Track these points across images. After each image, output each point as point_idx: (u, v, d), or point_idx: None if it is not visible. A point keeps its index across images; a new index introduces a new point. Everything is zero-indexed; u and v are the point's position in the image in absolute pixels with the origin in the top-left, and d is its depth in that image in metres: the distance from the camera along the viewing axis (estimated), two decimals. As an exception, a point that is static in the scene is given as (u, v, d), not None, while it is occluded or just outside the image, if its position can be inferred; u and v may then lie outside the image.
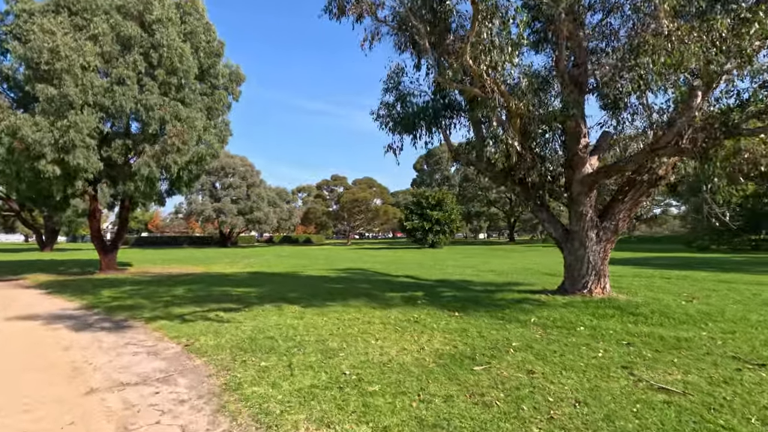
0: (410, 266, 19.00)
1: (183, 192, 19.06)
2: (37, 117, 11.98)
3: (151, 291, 11.03)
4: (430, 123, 9.53)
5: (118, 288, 11.91)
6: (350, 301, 8.94)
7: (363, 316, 7.26)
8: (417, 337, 5.78)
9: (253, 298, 9.49)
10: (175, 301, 9.36)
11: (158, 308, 8.40)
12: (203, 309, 8.23)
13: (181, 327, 6.63)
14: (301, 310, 7.89)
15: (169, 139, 14.76)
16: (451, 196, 41.89)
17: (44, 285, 13.28)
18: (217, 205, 52.06)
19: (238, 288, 11.37)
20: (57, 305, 9.32)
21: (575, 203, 8.22)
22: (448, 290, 10.42)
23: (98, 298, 10.09)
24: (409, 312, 7.53)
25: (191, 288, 11.54)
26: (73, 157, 12.64)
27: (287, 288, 11.22)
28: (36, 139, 11.80)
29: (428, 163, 70.16)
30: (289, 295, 9.93)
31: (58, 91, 12.08)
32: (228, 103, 18.52)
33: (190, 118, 15.33)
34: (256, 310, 7.97)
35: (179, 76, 15.54)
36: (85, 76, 12.58)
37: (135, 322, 7.28)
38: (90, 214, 17.07)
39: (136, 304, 8.96)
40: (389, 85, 10.42)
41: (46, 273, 17.36)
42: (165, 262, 24.20)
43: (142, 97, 14.35)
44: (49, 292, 11.59)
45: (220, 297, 9.76)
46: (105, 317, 7.85)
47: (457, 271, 15.89)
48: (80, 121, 12.45)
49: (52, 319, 7.78)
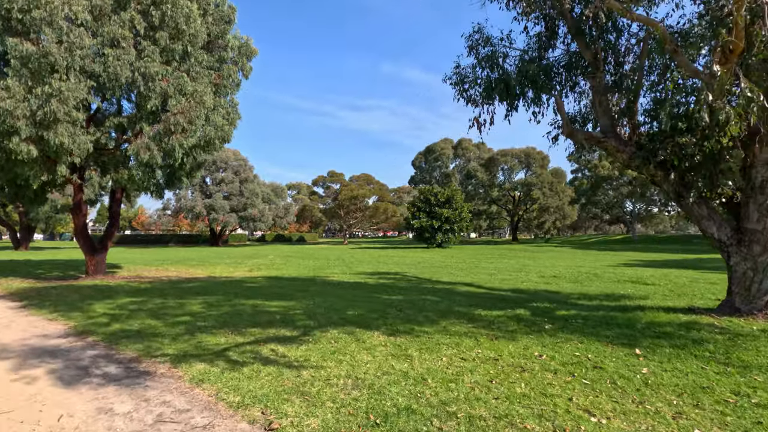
0: (449, 270, 16.74)
1: (183, 183, 16.38)
2: (9, 80, 9.30)
3: (159, 306, 8.52)
4: (540, 87, 7.26)
5: (114, 300, 9.35)
6: (441, 322, 6.64)
7: (493, 353, 4.96)
8: (652, 409, 3.51)
9: (302, 318, 7.09)
10: (199, 322, 6.91)
11: (181, 337, 5.95)
12: (247, 339, 5.82)
13: (233, 378, 4.23)
14: (392, 342, 5.55)
15: (173, 117, 12.19)
16: (460, 193, 39.76)
17: (18, 294, 10.61)
18: (209, 201, 48.96)
19: (270, 301, 8.93)
20: (34, 329, 6.77)
21: (760, 192, 6.05)
22: (550, 305, 8.18)
23: (91, 316, 7.56)
24: (556, 346, 5.25)
25: (209, 301, 9.06)
26: (55, 134, 10.00)
27: (335, 301, 8.84)
28: (6, 108, 9.13)
29: (427, 159, 68.11)
30: (348, 312, 7.56)
31: (36, 47, 9.43)
32: (237, 81, 15.90)
33: (198, 92, 12.77)
34: (325, 342, 5.60)
35: (184, 42, 12.96)
36: (71, 32, 9.94)
37: (155, 364, 4.84)
38: (74, 207, 14.33)
39: (146, 329, 6.48)
40: (474, 41, 8.11)
41: (20, 277, 14.57)
42: (158, 263, 21.46)
43: (141, 64, 11.74)
44: (24, 306, 8.99)
45: (257, 317, 7.33)
46: (106, 353, 5.38)
47: (514, 278, 13.71)
48: (65, 88, 9.81)
49: (26, 356, 5.27)
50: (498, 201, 60.69)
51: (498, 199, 60.36)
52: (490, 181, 58.54)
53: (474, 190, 58.94)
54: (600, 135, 7.04)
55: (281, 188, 56.79)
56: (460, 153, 64.51)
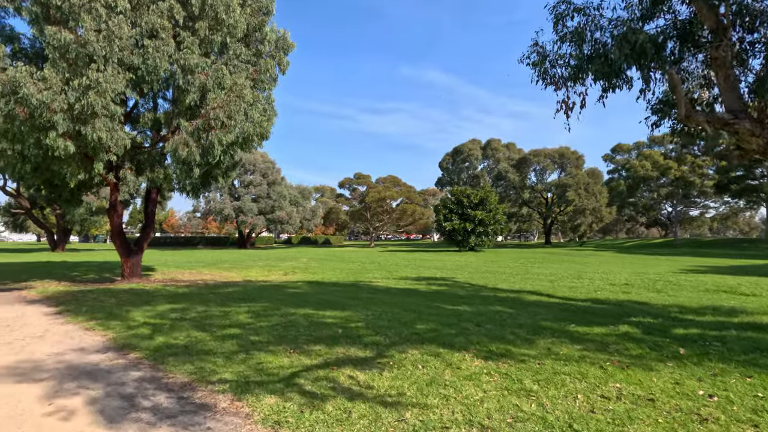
0: (499, 276, 15.53)
1: (219, 182, 15.79)
2: (46, 71, 8.73)
3: (203, 315, 7.71)
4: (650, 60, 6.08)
5: (153, 306, 8.62)
6: (538, 341, 5.53)
7: (641, 390, 3.83)
8: None
9: (368, 333, 6.11)
10: (251, 336, 6.02)
11: (236, 356, 5.05)
12: (314, 360, 4.87)
13: (319, 421, 3.26)
14: (495, 369, 4.48)
15: (212, 111, 11.49)
16: (494, 194, 38.25)
17: (54, 298, 10.06)
18: (237, 203, 48.99)
19: (323, 311, 8.00)
20: (70, 340, 6.03)
21: None
22: (654, 321, 6.94)
23: (130, 326, 6.79)
24: (717, 381, 4.08)
25: (255, 309, 8.20)
26: (93, 129, 9.39)
27: (395, 312, 7.83)
28: (43, 100, 8.55)
29: (455, 160, 66.61)
30: (418, 326, 6.54)
31: (74, 36, 8.84)
32: (274, 75, 15.14)
33: (237, 85, 12.04)
34: (410, 366, 4.59)
35: (223, 33, 12.29)
36: (110, 20, 9.33)
37: (213, 394, 3.93)
38: (110, 207, 13.86)
39: (194, 343, 5.63)
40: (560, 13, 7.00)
41: (56, 280, 14.20)
42: (191, 266, 21.01)
43: (180, 56, 11.10)
44: (60, 312, 8.36)
45: (315, 330, 6.40)
46: (152, 375, 4.52)
47: (580, 285, 12.41)
48: (103, 80, 9.20)
49: (62, 378, 4.47)
50: (530, 203, 58.66)
51: (530, 201, 58.34)
52: (521, 183, 56.62)
53: (504, 191, 57.12)
54: (728, 116, 5.80)
55: (308, 190, 56.45)
56: (489, 153, 62.76)
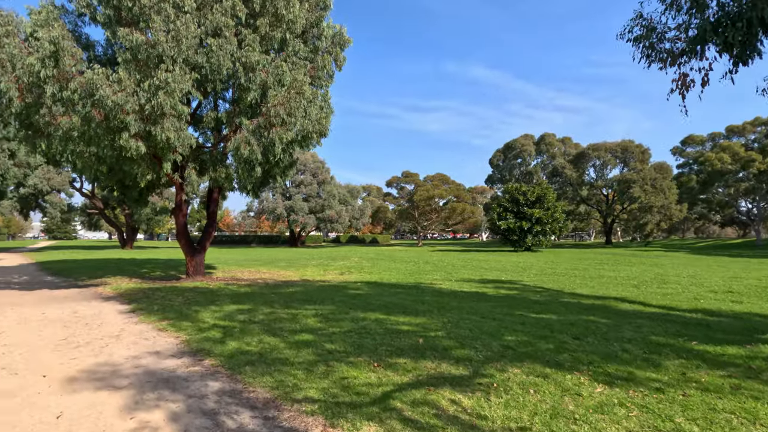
0: (572, 279, 14.34)
1: (278, 181, 15.76)
2: (120, 73, 8.86)
3: (270, 317, 7.44)
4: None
5: (220, 307, 8.51)
6: (661, 362, 4.64)
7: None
8: None
9: (453, 345, 5.49)
10: (324, 343, 5.59)
11: (316, 367, 4.61)
12: (403, 377, 4.32)
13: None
14: (627, 399, 3.70)
15: (272, 109, 11.32)
16: (552, 191, 36.21)
17: (126, 296, 10.31)
18: (289, 203, 50.07)
19: (394, 316, 7.47)
20: (145, 341, 5.90)
21: None
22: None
23: (201, 329, 6.61)
24: None
25: (322, 313, 7.83)
26: (162, 129, 9.46)
27: (475, 319, 7.14)
28: (117, 102, 8.67)
29: (506, 156, 64.22)
30: (507, 338, 5.82)
31: (145, 37, 8.92)
32: (331, 72, 14.86)
33: (297, 81, 11.80)
34: (518, 389, 3.92)
35: (283, 29, 12.13)
36: (178, 20, 9.35)
37: (302, 416, 3.48)
38: (175, 207, 14.20)
39: (267, 351, 5.28)
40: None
41: (128, 276, 14.79)
42: (249, 264, 21.39)
43: (241, 54, 11.03)
44: (133, 310, 8.45)
45: (393, 339, 5.86)
46: (232, 387, 4.17)
47: (674, 291, 11.06)
48: (172, 80, 9.22)
49: (141, 386, 4.22)
50: (588, 200, 55.30)
51: (588, 199, 54.99)
52: (578, 179, 53.46)
53: (560, 188, 54.22)
54: None
55: (357, 189, 56.65)
56: (543, 149, 59.86)
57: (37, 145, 9.95)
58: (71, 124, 9.11)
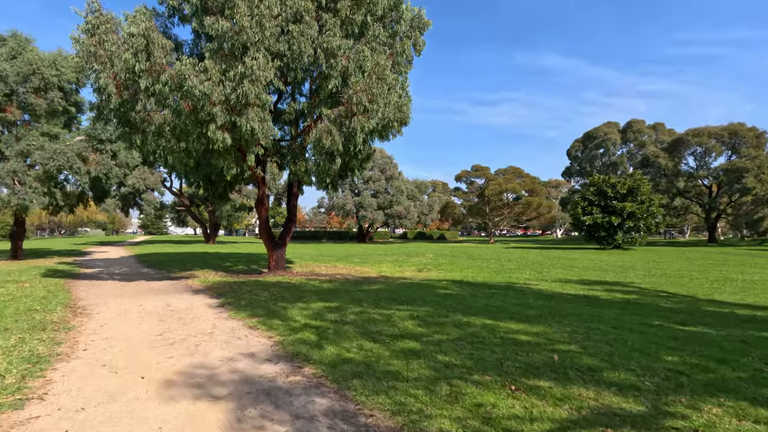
0: (691, 281, 12.22)
1: (356, 174, 15.27)
2: (207, 62, 8.74)
3: (361, 317, 6.77)
4: None
5: (307, 304, 8.04)
6: None
7: None
8: None
9: (600, 365, 4.36)
10: (435, 353, 4.74)
11: (438, 388, 3.77)
12: (556, 408, 3.33)
13: None
14: None
15: (354, 96, 10.71)
16: (646, 183, 32.39)
17: (215, 289, 10.34)
18: (358, 199, 50.35)
19: (504, 322, 6.44)
20: (238, 341, 5.48)
21: None
22: None
23: (293, 328, 6.10)
24: None
25: (418, 315, 7.01)
26: (247, 120, 9.24)
27: (611, 332, 5.88)
28: (204, 91, 8.54)
29: (586, 147, 59.33)
30: (667, 358, 4.56)
31: (230, 24, 8.71)
32: (410, 57, 13.97)
33: (379, 66, 11.08)
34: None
35: (364, 12, 11.47)
36: (262, 3, 9.04)
37: (445, 460, 2.63)
38: (258, 202, 14.26)
39: (371, 359, 4.54)
40: None
41: (214, 270, 15.20)
42: (324, 259, 21.34)
43: (323, 39, 10.52)
44: (222, 304, 8.28)
45: (514, 350, 4.86)
46: (343, 407, 3.46)
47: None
48: (257, 67, 8.94)
49: (240, 397, 3.67)
50: (686, 193, 49.17)
51: (686, 191, 48.88)
52: (674, 169, 47.66)
53: (652, 179, 48.74)
54: None
55: (425, 184, 55.57)
56: (631, 137, 54.31)
57: (132, 141, 10.25)
58: (163, 118, 9.19)
